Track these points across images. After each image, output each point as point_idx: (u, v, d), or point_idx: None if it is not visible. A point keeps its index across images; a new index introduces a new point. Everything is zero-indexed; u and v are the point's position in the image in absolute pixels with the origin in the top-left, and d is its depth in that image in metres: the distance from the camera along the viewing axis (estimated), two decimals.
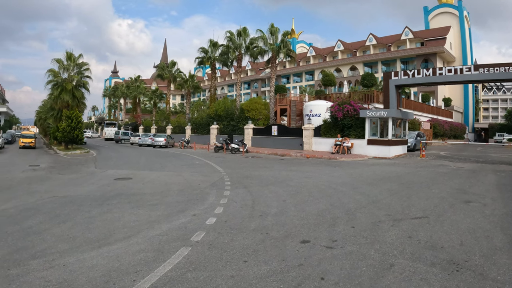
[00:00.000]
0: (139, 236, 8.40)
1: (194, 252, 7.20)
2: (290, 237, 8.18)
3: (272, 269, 6.31)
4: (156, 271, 6.33)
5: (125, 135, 66.31)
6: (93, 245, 7.87)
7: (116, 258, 7.05)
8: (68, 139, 39.75)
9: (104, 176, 19.92)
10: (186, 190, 14.87)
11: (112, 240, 8.23)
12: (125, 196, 13.59)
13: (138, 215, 10.57)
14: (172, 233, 8.61)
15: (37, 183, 17.90)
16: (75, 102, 41.48)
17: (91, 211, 11.24)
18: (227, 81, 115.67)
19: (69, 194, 14.50)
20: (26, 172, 22.14)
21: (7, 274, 6.45)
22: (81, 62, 43.36)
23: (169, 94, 77.09)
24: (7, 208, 12.07)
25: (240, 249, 7.38)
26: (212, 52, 56.64)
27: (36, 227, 9.59)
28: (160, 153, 38.60)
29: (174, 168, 23.47)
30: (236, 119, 49.19)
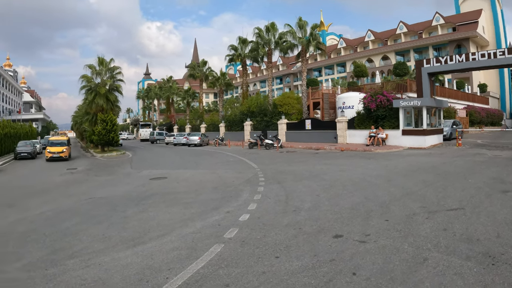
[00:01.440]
0: (173, 234, 8.51)
1: (227, 249, 7.24)
2: (323, 232, 8.12)
3: (303, 265, 6.28)
4: (188, 268, 6.40)
5: (160, 135, 66.66)
6: (128, 244, 8.02)
7: (150, 256, 7.17)
8: (104, 142, 40.63)
9: (140, 176, 20.23)
10: (220, 187, 14.94)
11: (146, 238, 8.36)
12: (160, 196, 13.78)
13: (172, 213, 10.71)
14: (205, 230, 8.69)
15: (74, 185, 18.40)
16: (109, 105, 42.28)
17: (126, 211, 11.46)
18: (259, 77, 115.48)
19: (105, 195, 14.83)
20: (64, 176, 22.72)
21: (45, 274, 6.66)
22: (112, 66, 44.22)
23: (202, 93, 77.42)
24: (45, 211, 12.43)
25: (272, 245, 7.37)
26: (242, 49, 56.60)
27: (72, 228, 9.84)
28: (194, 151, 38.85)
29: (209, 166, 23.61)
30: (270, 115, 49.07)
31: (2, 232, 9.87)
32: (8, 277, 6.70)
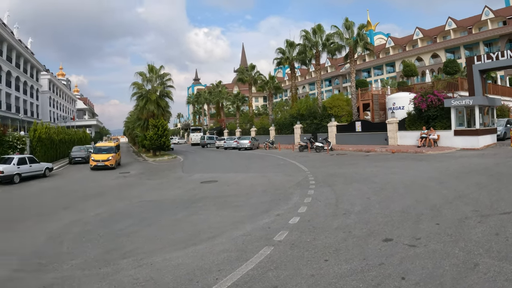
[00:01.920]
0: (223, 237, 8.66)
1: (276, 252, 7.29)
2: (372, 235, 8.06)
3: (352, 268, 6.26)
4: (238, 270, 6.51)
5: (211, 139, 67.39)
6: (179, 246, 8.25)
7: (200, 257, 7.34)
8: (156, 146, 41.40)
9: (191, 180, 20.59)
10: (270, 190, 15.01)
11: (197, 240, 8.55)
12: (210, 199, 13.99)
13: (223, 216, 10.88)
14: (255, 233, 8.78)
15: (127, 189, 18.98)
16: (160, 111, 43.07)
17: (177, 213, 11.76)
18: (307, 79, 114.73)
19: (157, 198, 15.29)
20: (117, 179, 23.43)
21: (98, 272, 6.99)
22: (162, 73, 45.10)
23: (251, 97, 77.76)
24: (100, 212, 12.94)
25: (321, 248, 7.37)
26: (289, 52, 56.30)
27: (126, 229, 10.21)
28: (245, 155, 39.04)
29: (259, 170, 23.72)
30: (319, 117, 48.55)
31: (58, 233, 10.34)
32: (63, 275, 7.03)
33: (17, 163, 24.40)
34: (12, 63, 59.75)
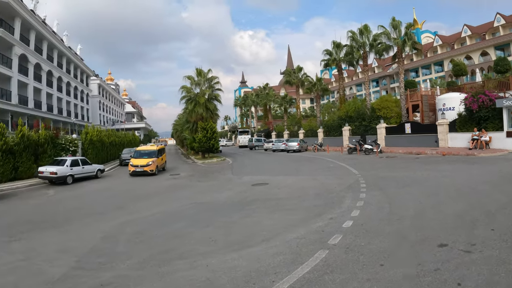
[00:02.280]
0: (278, 239, 8.76)
1: (331, 255, 7.37)
2: (427, 240, 8.00)
3: (408, 273, 6.27)
4: (294, 273, 6.62)
5: (259, 141, 67.45)
6: (234, 248, 8.41)
7: (256, 259, 7.48)
8: (205, 149, 41.85)
9: (241, 182, 20.79)
10: (322, 193, 15.02)
11: (252, 243, 8.71)
12: (262, 201, 14.12)
13: (276, 219, 10.98)
14: (309, 236, 8.86)
15: (179, 190, 19.44)
16: (209, 114, 43.55)
17: (231, 215, 11.94)
18: (355, 80, 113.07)
19: (209, 200, 15.52)
20: (168, 181, 23.96)
21: (157, 271, 7.29)
22: (210, 77, 45.54)
23: (298, 99, 77.36)
24: (155, 213, 13.35)
25: (376, 252, 7.40)
26: (336, 53, 55.78)
27: (181, 230, 10.51)
28: (294, 157, 38.98)
29: (309, 172, 23.66)
30: (368, 119, 47.98)
31: (113, 233, 10.78)
32: (120, 274, 7.34)
33: (70, 164, 25.37)
34: (63, 69, 61.95)
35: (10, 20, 43.14)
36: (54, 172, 24.31)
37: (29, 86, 47.69)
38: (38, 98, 51.03)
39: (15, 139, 26.73)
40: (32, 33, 48.73)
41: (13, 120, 41.18)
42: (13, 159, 26.21)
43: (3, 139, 25.39)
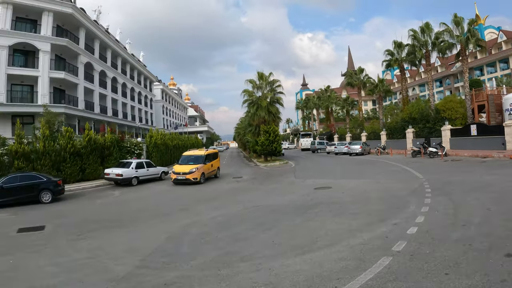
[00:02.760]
0: (341, 244, 8.66)
1: (395, 262, 7.21)
2: (494, 249, 7.64)
3: (473, 284, 6.03)
4: (357, 279, 6.52)
5: (321, 144, 66.68)
6: (297, 252, 8.38)
7: (318, 264, 7.43)
8: (267, 152, 41.93)
9: (304, 185, 20.67)
10: (386, 198, 14.77)
11: (315, 247, 8.65)
12: (325, 205, 14.01)
13: (339, 223, 10.87)
14: (373, 242, 8.71)
15: (241, 193, 19.56)
16: (271, 117, 43.60)
17: (294, 219, 11.92)
18: (417, 81, 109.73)
19: (272, 203, 15.55)
20: (231, 184, 24.32)
21: (217, 274, 7.37)
22: (272, 80, 45.59)
23: (360, 101, 76.09)
24: (217, 215, 13.53)
25: (441, 260, 7.15)
26: (398, 53, 54.31)
27: (243, 233, 10.59)
28: (356, 160, 38.45)
29: (372, 176, 23.29)
30: (432, 121, 46.44)
31: (177, 234, 11.05)
32: (184, 274, 7.51)
33: (135, 167, 26.36)
34: (126, 75, 64.10)
35: (75, 31, 45.25)
36: (120, 174, 25.33)
37: (95, 92, 49.73)
38: (104, 104, 53.13)
39: (82, 143, 28.22)
40: (96, 42, 50.85)
41: (80, 124, 42.99)
42: (81, 161, 27.70)
43: (71, 142, 26.91)
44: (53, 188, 20.11)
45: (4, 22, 36.57)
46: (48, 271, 8.31)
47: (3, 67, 36.03)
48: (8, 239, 12.05)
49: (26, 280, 7.86)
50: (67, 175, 26.33)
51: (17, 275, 8.24)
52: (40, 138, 26.39)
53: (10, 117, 36.96)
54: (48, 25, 39.46)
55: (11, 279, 7.99)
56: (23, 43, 37.96)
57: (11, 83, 37.64)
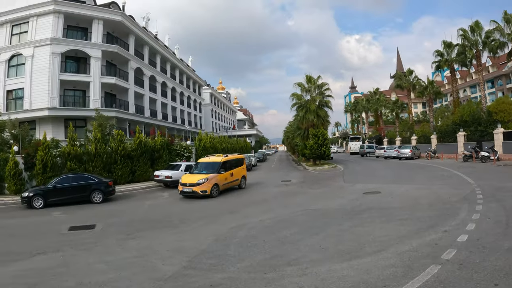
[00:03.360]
0: (389, 251, 8.53)
1: (444, 271, 7.03)
2: None
3: None
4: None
5: (370, 148, 65.74)
6: (344, 257, 8.33)
7: (365, 271, 7.34)
8: (316, 155, 41.82)
9: (353, 190, 20.50)
10: (436, 204, 14.40)
11: (362, 253, 8.57)
12: (374, 210, 13.86)
13: (387, 229, 10.71)
14: (422, 249, 8.52)
15: (290, 197, 19.58)
16: (320, 120, 43.43)
17: (342, 224, 11.84)
18: (468, 82, 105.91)
19: (320, 207, 15.48)
20: (279, 187, 24.32)
21: (264, 277, 7.42)
22: (320, 83, 45.43)
23: (410, 103, 74.16)
24: (264, 219, 13.59)
25: (491, 270, 6.91)
26: (447, 53, 52.77)
27: (290, 237, 10.59)
28: (406, 165, 37.66)
29: (422, 181, 22.76)
30: (484, 124, 44.63)
31: (225, 236, 11.20)
32: (230, 276, 7.60)
33: (184, 169, 26.87)
34: (176, 80, 65.21)
35: (125, 37, 46.55)
36: (169, 176, 25.96)
37: (145, 96, 50.94)
38: (154, 108, 54.30)
39: (133, 145, 29.14)
40: (145, 48, 52.03)
41: (131, 128, 44.29)
42: (131, 163, 28.57)
43: (122, 145, 27.85)
44: (104, 188, 20.93)
45: (56, 30, 38.13)
46: (97, 269, 8.65)
47: (56, 73, 37.57)
48: (59, 236, 12.58)
49: (75, 276, 8.19)
50: (117, 176, 27.29)
51: (67, 271, 8.62)
52: (92, 141, 27.50)
53: (63, 120, 38.46)
54: (98, 33, 40.89)
55: (62, 275, 8.34)
56: (75, 50, 39.46)
57: (64, 88, 39.17)
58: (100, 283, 7.61)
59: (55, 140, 27.90)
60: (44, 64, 37.19)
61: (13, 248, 11.32)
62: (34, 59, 37.60)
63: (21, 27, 39.47)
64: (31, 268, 8.98)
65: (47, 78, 36.96)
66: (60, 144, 28.00)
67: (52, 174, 23.78)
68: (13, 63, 39.09)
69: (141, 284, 7.50)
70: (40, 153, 24.36)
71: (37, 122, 38.02)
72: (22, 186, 24.12)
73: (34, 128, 36.80)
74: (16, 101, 38.78)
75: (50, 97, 36.84)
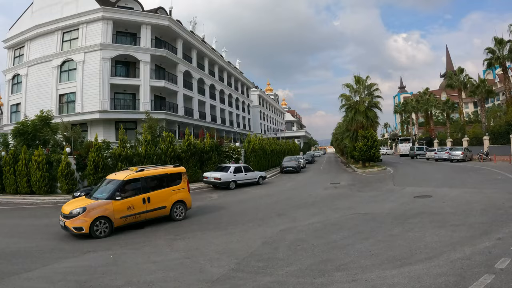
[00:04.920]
0: (441, 259, 8.31)
1: (497, 281, 6.79)
2: None
3: None
4: None
5: (420, 150, 63.58)
6: (395, 264, 8.18)
7: (417, 279, 7.18)
8: (365, 158, 41.12)
9: (403, 193, 20.08)
10: (490, 209, 13.85)
11: (413, 260, 8.38)
12: (426, 215, 13.49)
13: (439, 235, 10.42)
14: (475, 257, 8.25)
15: (339, 200, 19.30)
16: (369, 122, 42.51)
17: (392, 229, 11.62)
18: None
19: (370, 211, 15.26)
20: (328, 190, 24.04)
21: (312, 282, 7.38)
22: (369, 84, 44.41)
23: (461, 103, 71.75)
24: (313, 222, 13.53)
25: None
26: (499, 50, 50.74)
27: (340, 241, 10.49)
28: (457, 168, 36.37)
29: (475, 185, 21.87)
30: None
31: (273, 239, 11.23)
32: (278, 280, 7.60)
33: (233, 171, 27.12)
34: (224, 82, 65.90)
35: (173, 41, 47.42)
36: (218, 177, 26.22)
37: (194, 99, 51.64)
38: (203, 110, 55.01)
39: (182, 147, 29.66)
40: (193, 51, 52.83)
41: (180, 130, 44.86)
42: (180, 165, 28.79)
43: (172, 146, 28.47)
44: None
45: (106, 36, 39.34)
46: (145, 268, 8.88)
47: (107, 77, 38.75)
48: (109, 236, 12.90)
49: (124, 274, 8.46)
50: None
51: (117, 270, 8.90)
52: (142, 143, 28.23)
53: (113, 123, 39.55)
54: (147, 38, 41.83)
55: (111, 273, 8.63)
56: (124, 55, 40.56)
57: (114, 92, 40.37)
58: (148, 282, 7.83)
59: (106, 142, 28.82)
60: (94, 69, 38.54)
61: (65, 245, 11.86)
62: (85, 64, 39.06)
63: (72, 34, 41.13)
64: (82, 266, 9.38)
65: (98, 82, 38.24)
66: (111, 145, 28.89)
67: (103, 174, 24.48)
68: (65, 68, 40.76)
69: (189, 285, 7.64)
70: (91, 154, 25.32)
71: (89, 124, 39.47)
72: (73, 186, 25.22)
73: (85, 130, 38.26)
74: (68, 105, 40.32)
75: (101, 101, 38.03)
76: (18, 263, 9.80)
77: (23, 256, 10.58)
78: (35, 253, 10.87)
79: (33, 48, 43.12)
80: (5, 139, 30.57)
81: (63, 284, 8.04)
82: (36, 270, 9.19)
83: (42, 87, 40.92)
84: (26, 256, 10.57)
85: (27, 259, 10.23)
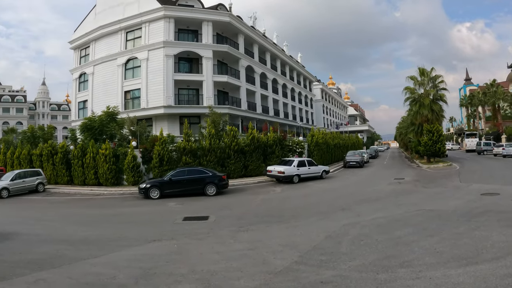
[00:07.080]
0: (508, 259, 7.97)
1: None
2: None
3: None
4: None
5: (487, 145, 60.55)
6: (460, 262, 7.94)
7: (482, 279, 6.96)
8: (430, 153, 39.78)
9: (470, 190, 19.34)
10: None
11: (479, 259, 8.11)
12: (493, 214, 12.94)
13: (507, 235, 9.97)
14: None
15: (403, 195, 18.88)
16: (434, 115, 40.98)
17: (458, 227, 11.25)
18: None
19: (435, 208, 14.81)
20: (392, 185, 23.55)
21: (375, 277, 7.30)
22: (434, 76, 42.69)
23: None
24: (377, 217, 13.32)
25: None
26: None
27: (404, 238, 10.28)
28: None
29: None
30: None
31: (336, 233, 11.17)
32: (341, 274, 7.58)
33: (297, 165, 27.13)
34: (286, 76, 65.76)
35: (234, 37, 47.89)
36: (281, 171, 26.33)
37: (257, 93, 51.91)
38: (265, 104, 55.24)
39: (245, 141, 30.03)
40: (255, 46, 53.11)
41: (243, 124, 45.23)
42: (244, 158, 29.61)
43: (235, 140, 28.93)
44: (218, 182, 21.90)
45: (168, 34, 40.32)
46: (209, 258, 9.10)
47: (170, 73, 39.77)
48: (174, 226, 13.40)
49: (188, 263, 8.70)
50: (231, 170, 28.39)
51: (180, 258, 9.19)
52: (206, 136, 28.87)
53: (178, 117, 40.52)
54: (208, 34, 42.39)
55: (175, 262, 8.92)
56: (187, 51, 41.41)
57: (178, 88, 41.37)
58: (211, 272, 8.01)
59: (171, 136, 29.71)
60: (158, 65, 39.71)
61: (131, 234, 12.33)
62: (149, 61, 40.35)
63: (135, 33, 42.66)
64: (146, 254, 9.75)
65: (162, 79, 39.36)
66: (176, 139, 29.66)
67: (168, 167, 25.58)
68: (129, 66, 42.40)
69: (251, 276, 7.75)
70: (157, 148, 26.31)
71: (154, 119, 40.81)
72: (139, 178, 26.22)
73: (150, 125, 39.55)
74: (133, 101, 41.95)
75: (166, 96, 39.08)
76: (85, 249, 10.35)
77: (90, 243, 11.18)
78: (102, 241, 11.46)
79: (98, 48, 45.26)
80: (73, 134, 32.70)
81: (128, 271, 8.39)
82: (102, 256, 9.68)
83: (108, 84, 42.85)
84: (93, 243, 11.17)
85: (94, 246, 10.80)
